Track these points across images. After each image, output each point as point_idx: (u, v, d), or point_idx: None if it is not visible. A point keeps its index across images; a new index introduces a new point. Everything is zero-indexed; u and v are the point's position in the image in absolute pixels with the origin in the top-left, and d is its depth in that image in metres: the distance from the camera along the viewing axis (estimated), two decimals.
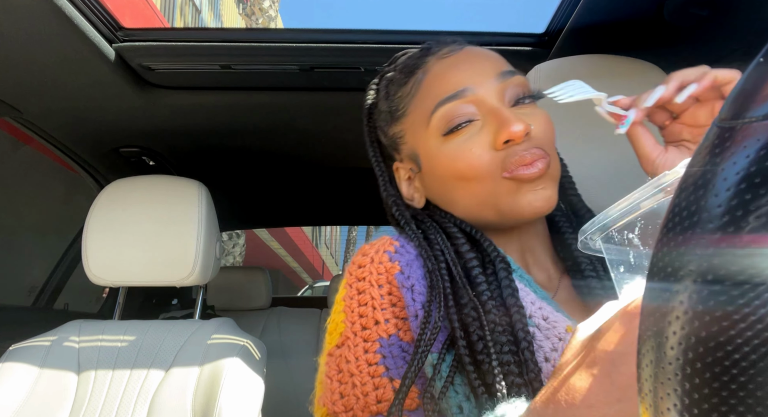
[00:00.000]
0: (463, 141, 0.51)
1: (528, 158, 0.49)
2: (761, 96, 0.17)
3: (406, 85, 0.57)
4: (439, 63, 0.55)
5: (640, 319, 0.20)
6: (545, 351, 0.44)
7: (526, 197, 0.50)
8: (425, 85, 0.55)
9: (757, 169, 0.16)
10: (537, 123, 0.51)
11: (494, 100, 0.51)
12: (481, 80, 0.52)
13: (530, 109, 0.53)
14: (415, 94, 0.55)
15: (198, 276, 1.16)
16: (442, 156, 0.53)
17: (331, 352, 0.52)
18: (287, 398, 1.61)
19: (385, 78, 0.61)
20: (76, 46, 0.90)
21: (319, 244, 15.05)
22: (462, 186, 0.53)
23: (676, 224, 0.18)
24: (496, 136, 0.50)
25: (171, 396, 1.03)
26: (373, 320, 0.49)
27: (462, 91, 0.52)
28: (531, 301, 0.47)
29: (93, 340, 1.13)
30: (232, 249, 8.86)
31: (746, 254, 0.16)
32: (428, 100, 0.54)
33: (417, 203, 0.59)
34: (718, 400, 0.16)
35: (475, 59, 0.54)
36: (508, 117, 0.49)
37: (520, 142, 0.50)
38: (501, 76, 0.52)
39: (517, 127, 0.48)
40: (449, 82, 0.53)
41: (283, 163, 1.56)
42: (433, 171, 0.55)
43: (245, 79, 1.08)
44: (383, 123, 0.60)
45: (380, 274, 0.51)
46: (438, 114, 0.52)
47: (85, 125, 1.24)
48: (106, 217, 1.17)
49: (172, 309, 2.05)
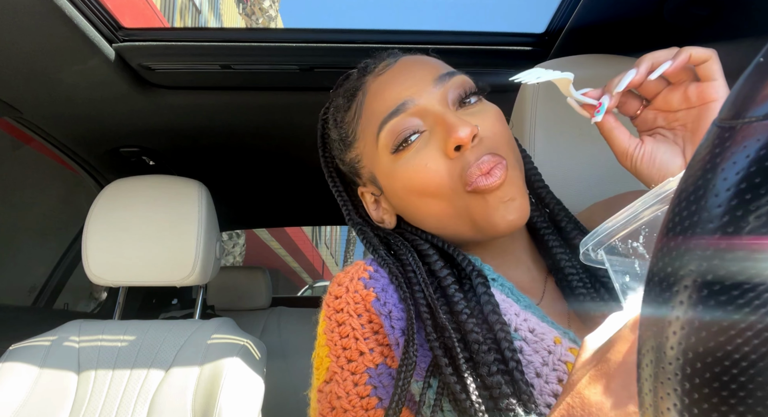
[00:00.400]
0: (413, 156, 0.50)
1: (484, 167, 0.47)
2: (761, 96, 0.17)
3: (350, 109, 0.56)
4: (377, 81, 0.54)
5: (640, 320, 0.20)
6: (536, 366, 0.43)
7: (498, 212, 0.48)
8: (366, 105, 0.53)
9: (757, 169, 0.16)
10: (484, 122, 0.49)
11: (437, 106, 0.49)
12: (419, 89, 0.50)
13: (478, 108, 0.51)
14: (360, 117, 0.54)
15: (198, 276, 1.16)
16: (397, 175, 0.51)
17: (320, 388, 0.50)
18: (287, 398, 1.61)
19: (332, 106, 0.60)
20: (76, 46, 0.90)
21: (319, 244, 15.05)
22: (426, 203, 0.51)
23: (676, 224, 0.18)
24: (445, 144, 0.48)
25: (171, 396, 1.03)
26: (357, 352, 0.48)
27: (402, 104, 0.50)
28: (515, 313, 0.46)
29: (93, 339, 1.13)
30: (232, 249, 8.86)
31: (746, 254, 0.16)
32: (373, 120, 0.52)
33: (388, 224, 0.58)
34: (718, 400, 0.16)
35: (410, 69, 0.53)
36: (453, 122, 0.47)
37: (471, 147, 0.48)
38: (439, 80, 0.51)
39: (463, 132, 0.46)
40: (388, 98, 0.51)
41: (283, 163, 1.56)
42: (393, 191, 0.53)
43: (245, 79, 1.08)
44: (338, 151, 0.59)
45: (357, 303, 0.49)
46: (384, 132, 0.51)
47: (85, 125, 1.24)
48: (106, 217, 1.17)
49: (172, 309, 2.05)
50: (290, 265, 11.87)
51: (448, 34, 0.98)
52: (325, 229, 15.39)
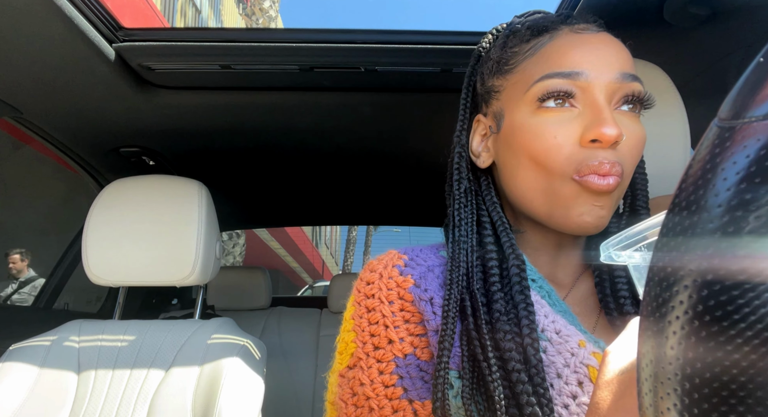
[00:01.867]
0: (551, 122, 0.48)
1: (605, 169, 0.46)
2: (761, 96, 0.17)
3: (528, 43, 0.52)
4: (570, 35, 0.51)
5: (640, 319, 0.20)
6: (557, 367, 0.43)
7: (580, 208, 0.47)
8: (545, 49, 0.51)
9: (757, 169, 0.16)
10: (630, 136, 0.48)
11: (602, 95, 0.48)
12: (601, 71, 0.48)
13: (631, 120, 0.49)
14: (532, 56, 0.51)
15: (198, 276, 1.16)
16: (525, 129, 0.49)
17: (342, 373, 0.50)
18: (287, 398, 1.61)
19: (510, 28, 0.56)
20: (76, 46, 0.90)
21: (319, 244, 15.04)
22: (529, 166, 0.50)
23: (676, 224, 0.18)
24: (586, 131, 0.47)
25: (171, 396, 1.03)
26: (386, 339, 0.48)
27: (577, 72, 0.48)
28: (544, 315, 0.46)
29: (93, 339, 1.13)
30: (232, 249, 8.86)
31: (746, 254, 0.16)
32: (541, 66, 0.50)
33: (481, 163, 0.56)
34: (718, 400, 0.16)
35: (605, 47, 0.50)
36: (606, 117, 0.46)
37: (606, 148, 0.46)
38: (622, 76, 0.48)
39: (611, 131, 0.45)
40: (570, 58, 0.49)
41: (283, 163, 1.56)
42: (510, 139, 0.52)
43: (245, 79, 1.08)
44: (487, 71, 0.56)
45: (390, 290, 0.49)
46: (541, 84, 0.49)
47: (85, 125, 1.24)
48: (106, 217, 1.17)
49: (172, 309, 2.05)
50: (290, 265, 11.87)
51: (448, 34, 0.98)
52: (325, 229, 15.38)
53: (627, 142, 0.48)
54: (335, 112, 1.21)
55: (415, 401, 0.46)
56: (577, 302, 0.53)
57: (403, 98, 1.13)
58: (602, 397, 0.29)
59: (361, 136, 1.35)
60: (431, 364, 0.47)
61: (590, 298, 0.53)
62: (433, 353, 0.47)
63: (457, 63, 0.98)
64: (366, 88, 1.11)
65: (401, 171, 1.62)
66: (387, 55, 0.98)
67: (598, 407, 0.29)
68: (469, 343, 0.45)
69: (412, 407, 0.46)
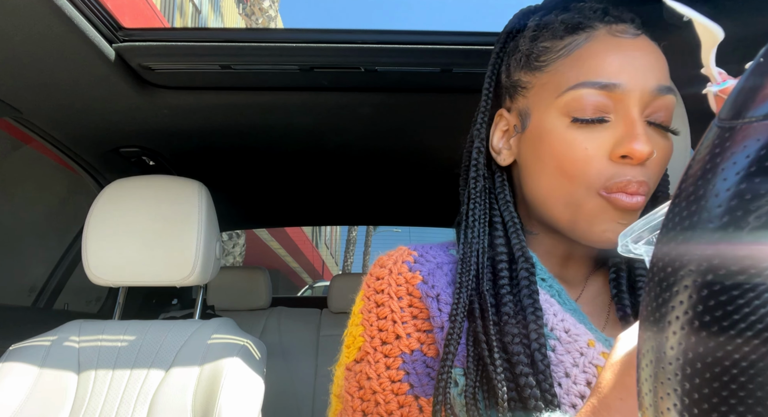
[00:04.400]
0: (584, 136, 0.46)
1: (633, 188, 0.45)
2: (761, 96, 0.17)
3: (562, 40, 0.50)
4: (608, 38, 0.48)
5: (640, 319, 0.20)
6: (566, 366, 0.43)
7: (604, 225, 0.46)
8: (581, 53, 0.48)
9: (757, 169, 0.16)
10: (660, 153, 0.47)
11: (636, 107, 0.46)
12: (637, 83, 0.46)
13: (661, 135, 0.48)
14: (566, 56, 0.49)
15: (198, 276, 1.16)
16: (554, 136, 0.48)
17: (349, 366, 0.50)
18: (287, 398, 1.61)
19: (544, 20, 0.52)
20: (76, 46, 0.90)
21: (319, 244, 15.04)
22: (554, 174, 0.48)
23: (676, 224, 0.18)
24: (617, 146, 0.45)
25: (171, 396, 1.03)
26: (394, 334, 0.48)
27: (615, 84, 0.46)
28: (553, 313, 0.46)
29: (93, 340, 1.13)
30: (232, 249, 8.86)
31: (746, 254, 0.16)
32: (576, 71, 0.47)
33: (501, 160, 0.54)
34: (718, 400, 0.16)
35: (644, 57, 0.48)
36: (639, 133, 0.45)
37: (635, 165, 0.46)
38: (658, 89, 0.47)
39: (643, 148, 0.44)
40: (607, 67, 0.46)
41: (283, 163, 1.56)
42: (536, 143, 0.49)
43: (245, 79, 1.08)
44: (515, 63, 0.53)
45: (399, 286, 0.49)
46: (575, 93, 0.47)
47: (85, 125, 1.24)
48: (106, 217, 1.17)
49: (172, 309, 2.05)
50: (290, 265, 11.87)
51: (449, 34, 0.98)
52: (325, 229, 15.38)
53: (656, 158, 0.47)
54: (335, 112, 1.21)
55: (421, 397, 0.46)
56: (587, 301, 0.52)
57: (403, 98, 1.13)
58: (605, 377, 0.30)
59: (361, 136, 1.35)
60: (437, 361, 0.47)
61: (599, 297, 0.53)
62: (439, 350, 0.47)
63: (457, 63, 0.98)
64: (366, 88, 1.11)
65: (401, 171, 1.62)
66: (387, 55, 0.98)
67: (600, 386, 0.30)
68: (476, 345, 0.45)
69: (417, 403, 0.46)
